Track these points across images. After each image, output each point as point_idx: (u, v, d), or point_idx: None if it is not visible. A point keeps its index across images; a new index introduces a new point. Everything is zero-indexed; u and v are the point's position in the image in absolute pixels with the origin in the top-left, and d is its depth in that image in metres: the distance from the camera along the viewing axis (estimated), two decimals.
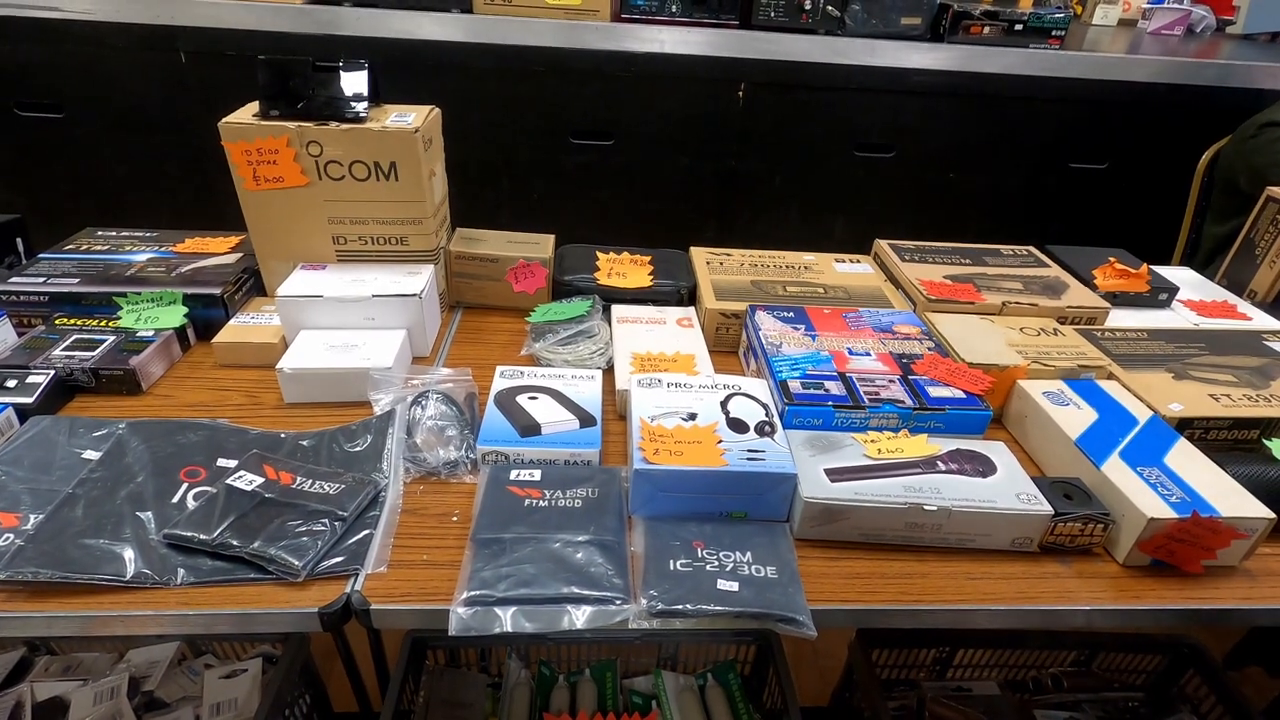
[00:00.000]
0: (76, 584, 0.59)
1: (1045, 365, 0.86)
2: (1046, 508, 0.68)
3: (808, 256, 1.14)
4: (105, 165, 1.71)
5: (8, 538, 0.61)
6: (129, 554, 0.61)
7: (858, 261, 1.14)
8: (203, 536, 0.62)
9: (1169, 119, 1.78)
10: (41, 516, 0.63)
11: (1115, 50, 1.82)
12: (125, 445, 0.72)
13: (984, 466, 0.72)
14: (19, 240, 1.06)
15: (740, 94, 1.72)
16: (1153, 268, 1.10)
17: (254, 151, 0.86)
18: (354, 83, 0.89)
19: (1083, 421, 0.78)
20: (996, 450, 0.75)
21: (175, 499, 0.67)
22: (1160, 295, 1.07)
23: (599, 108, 1.73)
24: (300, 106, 0.88)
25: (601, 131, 1.76)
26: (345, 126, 0.86)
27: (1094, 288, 1.06)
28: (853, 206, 1.89)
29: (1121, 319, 1.01)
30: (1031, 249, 1.16)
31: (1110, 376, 0.87)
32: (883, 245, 1.15)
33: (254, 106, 0.90)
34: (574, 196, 1.84)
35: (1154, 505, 0.66)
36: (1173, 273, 1.17)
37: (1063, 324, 0.96)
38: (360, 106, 0.88)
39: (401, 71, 1.60)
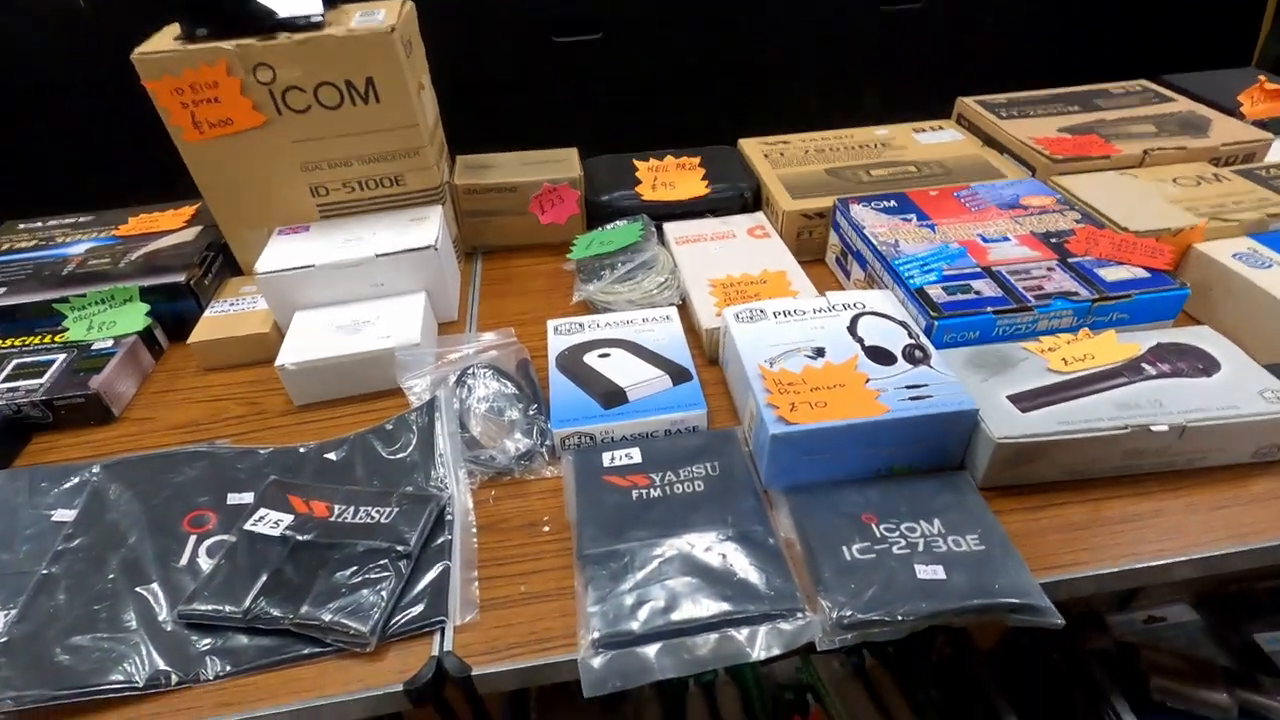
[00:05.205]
0: (76, 703, 0.44)
1: (1226, 220, 0.69)
2: None
3: (880, 131, 0.95)
4: (12, 145, 1.46)
5: None
6: (139, 650, 0.46)
7: (941, 129, 0.95)
8: (231, 609, 0.47)
9: None
10: (13, 614, 0.48)
11: None
12: (104, 496, 0.56)
13: (1203, 361, 0.57)
14: None
15: None
16: None
17: (186, 89, 0.66)
18: None
19: None
20: (1206, 337, 0.59)
21: (183, 560, 0.52)
22: None
23: None
24: (235, 20, 0.66)
25: (586, 23, 1.50)
26: (300, 37, 0.65)
27: (1240, 116, 0.87)
28: (883, 73, 1.65)
29: None
30: (1144, 82, 0.97)
31: None
32: (969, 104, 0.95)
33: (174, 29, 0.68)
34: (562, 107, 1.60)
35: None
36: None
37: (1218, 167, 0.79)
38: (314, 9, 0.67)
39: None
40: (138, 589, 0.49)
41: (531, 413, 0.61)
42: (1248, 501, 0.53)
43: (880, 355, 0.57)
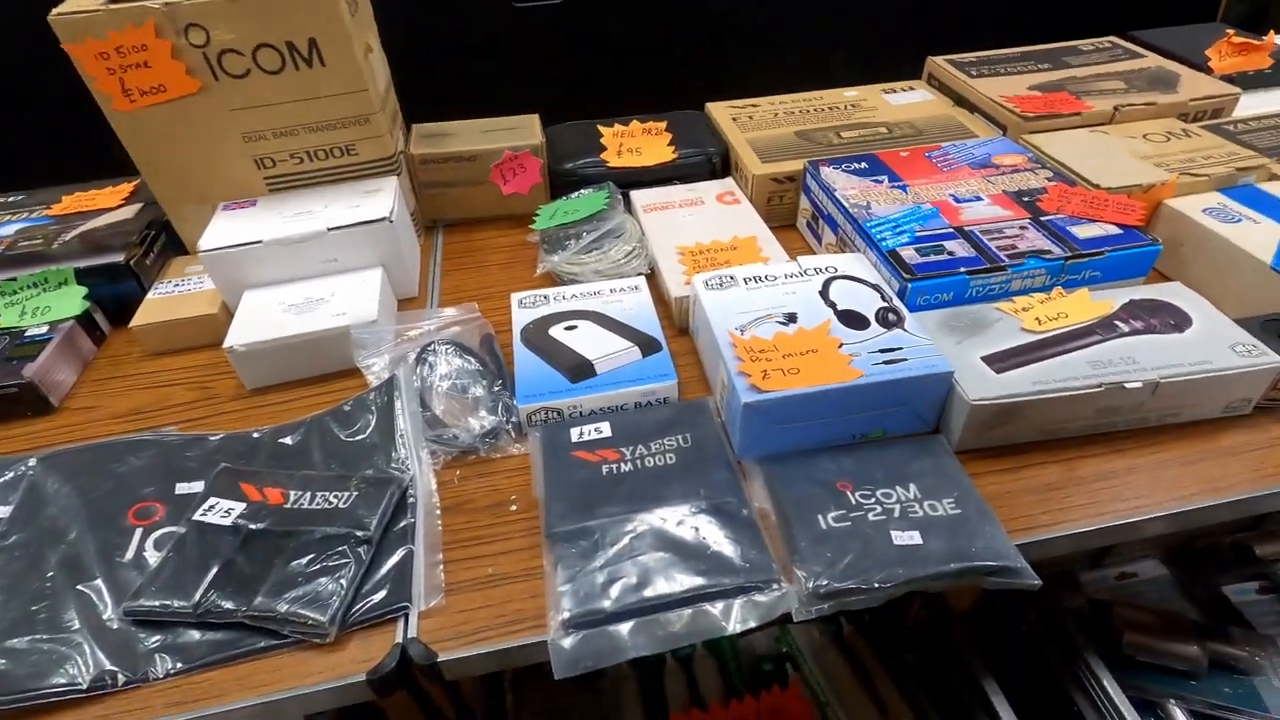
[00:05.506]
0: (15, 709, 0.41)
1: (1196, 176, 0.69)
2: (1274, 358, 0.52)
3: (850, 93, 0.92)
4: None
5: None
6: (82, 650, 0.43)
7: (911, 89, 0.93)
8: (180, 604, 0.45)
9: None
10: None
11: None
12: (41, 490, 0.53)
13: (1175, 317, 0.56)
14: None
15: None
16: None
17: (112, 52, 0.61)
18: None
19: (1269, 239, 0.62)
20: (1179, 294, 0.59)
21: (129, 554, 0.49)
22: None
23: None
24: None
25: None
26: None
27: (1208, 71, 0.86)
28: (852, 34, 1.62)
29: (1253, 105, 0.82)
30: (1114, 39, 0.96)
31: (1273, 178, 0.70)
32: (939, 63, 0.93)
33: None
34: (522, 72, 1.54)
35: None
36: None
37: (1187, 122, 0.78)
38: None
39: None
40: (79, 587, 0.47)
41: (496, 389, 0.59)
42: (1219, 455, 0.53)
43: (853, 319, 0.56)
